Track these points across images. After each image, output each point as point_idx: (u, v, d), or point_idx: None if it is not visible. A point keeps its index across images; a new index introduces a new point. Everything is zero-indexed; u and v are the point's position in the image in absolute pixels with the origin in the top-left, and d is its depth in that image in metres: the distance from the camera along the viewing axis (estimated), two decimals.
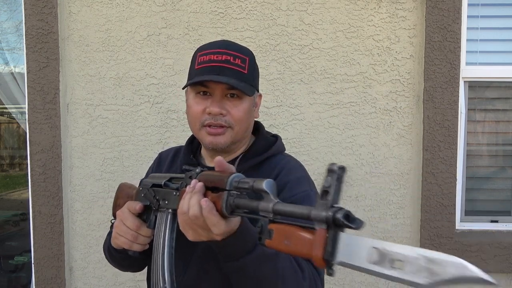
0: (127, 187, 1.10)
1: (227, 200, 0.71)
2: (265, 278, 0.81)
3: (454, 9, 2.12)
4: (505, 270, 2.18)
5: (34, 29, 2.16)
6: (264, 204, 0.65)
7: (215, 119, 0.96)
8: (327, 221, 0.53)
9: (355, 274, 2.21)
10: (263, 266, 0.80)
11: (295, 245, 0.56)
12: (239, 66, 0.97)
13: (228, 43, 1.02)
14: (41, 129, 2.19)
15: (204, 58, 0.97)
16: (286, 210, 0.62)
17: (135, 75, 2.19)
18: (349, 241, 0.50)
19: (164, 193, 0.92)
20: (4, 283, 2.97)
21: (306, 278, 0.85)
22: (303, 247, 0.54)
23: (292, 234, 0.56)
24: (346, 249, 0.50)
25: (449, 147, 2.15)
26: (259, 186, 0.66)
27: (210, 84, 0.97)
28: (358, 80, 2.17)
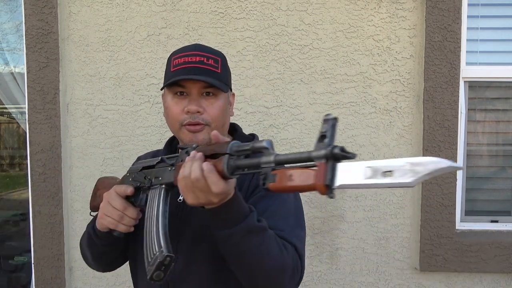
0: (107, 180, 1.14)
1: (228, 162, 0.77)
2: (251, 249, 0.86)
3: (454, 9, 2.12)
4: (505, 270, 2.18)
5: (34, 29, 2.16)
6: (266, 157, 0.72)
7: (193, 118, 1.01)
8: (326, 155, 0.62)
9: (355, 274, 2.22)
10: (251, 237, 0.85)
11: (298, 180, 0.64)
12: (213, 66, 1.02)
13: (200, 46, 1.08)
14: (41, 129, 2.19)
15: (179, 61, 1.02)
16: (288, 158, 0.69)
17: (135, 75, 2.19)
18: (345, 168, 0.60)
19: (157, 171, 0.96)
20: (4, 283, 2.97)
21: (289, 256, 0.91)
22: (307, 179, 0.63)
23: (295, 172, 0.65)
24: (343, 175, 0.59)
25: (449, 147, 2.15)
26: (260, 144, 0.73)
27: (186, 84, 1.01)
28: (358, 80, 2.17)
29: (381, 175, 0.55)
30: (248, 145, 0.76)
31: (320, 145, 0.63)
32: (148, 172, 0.98)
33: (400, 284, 2.23)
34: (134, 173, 1.03)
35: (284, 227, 0.95)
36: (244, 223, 0.84)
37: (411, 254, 2.22)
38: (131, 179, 1.03)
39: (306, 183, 0.63)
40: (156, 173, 0.96)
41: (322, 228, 2.21)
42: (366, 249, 2.21)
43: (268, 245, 0.87)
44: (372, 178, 0.56)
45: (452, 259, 2.17)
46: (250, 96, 2.17)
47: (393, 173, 0.54)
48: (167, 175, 0.92)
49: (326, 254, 2.22)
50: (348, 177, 0.58)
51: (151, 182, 0.96)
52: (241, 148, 0.77)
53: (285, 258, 0.90)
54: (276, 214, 0.97)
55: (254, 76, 2.17)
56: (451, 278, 2.22)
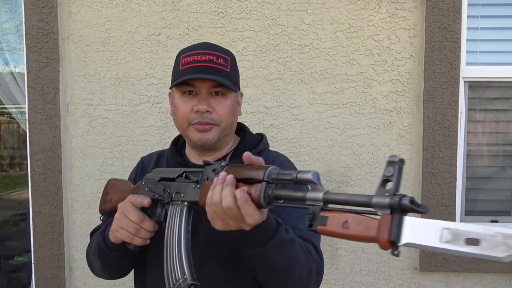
0: (120, 183, 1.08)
1: (265, 191, 0.71)
2: (284, 263, 0.84)
3: (454, 9, 2.12)
4: (505, 270, 2.18)
5: (34, 29, 2.16)
6: (313, 193, 0.64)
7: (202, 118, 1.00)
8: (392, 206, 0.54)
9: (355, 275, 2.22)
10: (283, 251, 0.83)
11: (355, 229, 0.57)
12: (222, 65, 1.01)
13: (210, 44, 1.06)
14: (41, 129, 2.19)
15: (188, 59, 1.00)
16: (341, 198, 0.62)
17: (135, 75, 2.19)
18: (415, 223, 0.52)
19: (179, 186, 0.91)
20: (4, 283, 2.97)
21: (314, 261, 0.90)
22: (366, 230, 0.55)
23: (352, 219, 0.57)
24: (413, 231, 0.51)
25: (449, 147, 2.15)
26: (305, 177, 0.66)
27: (196, 83, 1.00)
28: (358, 80, 2.17)
29: (464, 242, 0.47)
30: (291, 174, 0.69)
31: (383, 191, 0.56)
32: (168, 185, 0.93)
33: (400, 284, 2.23)
34: (151, 183, 0.97)
35: (302, 226, 0.93)
36: (274, 240, 0.82)
37: (411, 254, 2.22)
38: (148, 189, 0.97)
39: (365, 234, 0.56)
40: (177, 188, 0.91)
41: None
42: (366, 249, 2.21)
43: (297, 255, 0.86)
44: (451, 244, 0.48)
45: (452, 259, 2.17)
46: (250, 96, 2.17)
47: (479, 242, 0.46)
48: (191, 192, 0.87)
49: (326, 254, 2.22)
50: (419, 235, 0.51)
51: (172, 196, 0.91)
52: (281, 176, 0.70)
53: (311, 263, 0.89)
54: (292, 213, 0.95)
55: (254, 76, 2.17)
56: (451, 278, 2.22)
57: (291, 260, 0.85)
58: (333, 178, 2.19)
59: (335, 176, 2.19)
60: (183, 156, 1.14)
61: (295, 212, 0.93)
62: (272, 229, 0.82)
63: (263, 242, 0.81)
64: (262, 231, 0.80)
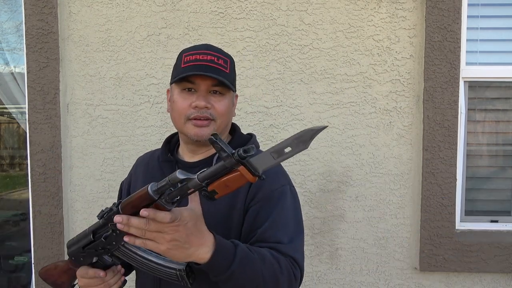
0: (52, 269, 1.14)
1: (163, 203, 0.81)
2: (248, 281, 0.91)
3: (454, 9, 2.12)
4: (505, 270, 2.18)
5: (34, 29, 2.16)
6: (192, 183, 0.79)
7: (201, 112, 1.04)
8: (238, 161, 0.76)
9: (355, 274, 2.22)
10: (246, 269, 0.90)
11: (233, 184, 0.79)
12: (222, 66, 1.05)
13: (212, 46, 1.11)
14: (41, 129, 2.19)
15: (190, 58, 1.05)
16: (209, 173, 0.79)
17: (135, 75, 2.19)
18: (257, 159, 0.77)
19: (106, 241, 0.97)
20: (4, 283, 2.97)
21: (284, 272, 0.95)
22: (239, 181, 0.78)
23: (228, 180, 0.79)
24: (260, 163, 0.77)
25: (449, 147, 2.15)
26: (174, 178, 0.79)
27: (196, 80, 1.04)
28: (358, 80, 2.17)
29: (284, 153, 0.75)
30: (165, 181, 0.80)
31: (227, 156, 0.77)
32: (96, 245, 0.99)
33: (400, 284, 2.23)
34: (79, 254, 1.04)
35: (283, 238, 0.99)
36: (237, 258, 0.88)
37: (411, 254, 2.22)
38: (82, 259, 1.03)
39: (241, 182, 0.78)
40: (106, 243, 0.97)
41: (322, 228, 2.21)
42: (366, 249, 2.21)
43: (262, 271, 0.92)
44: (280, 157, 0.75)
45: (452, 259, 2.17)
46: (250, 96, 2.17)
47: (290, 148, 0.74)
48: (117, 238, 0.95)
49: (326, 254, 2.22)
50: (263, 163, 0.77)
51: (108, 248, 0.98)
52: (160, 187, 0.80)
53: (278, 276, 0.94)
54: (276, 224, 1.00)
55: (254, 76, 2.17)
56: (451, 278, 2.22)
57: (255, 276, 0.91)
58: (333, 178, 2.19)
59: (335, 176, 2.19)
60: (175, 154, 1.18)
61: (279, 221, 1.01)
62: (231, 252, 0.89)
63: (227, 267, 0.88)
64: (221, 258, 0.87)
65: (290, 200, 1.06)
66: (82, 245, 1.02)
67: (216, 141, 0.76)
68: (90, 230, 1.00)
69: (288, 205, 1.04)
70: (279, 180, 1.07)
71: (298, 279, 0.99)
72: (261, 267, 0.92)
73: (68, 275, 1.10)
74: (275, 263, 0.94)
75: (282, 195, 1.04)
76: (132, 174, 1.26)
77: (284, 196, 1.04)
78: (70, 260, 1.07)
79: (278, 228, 0.99)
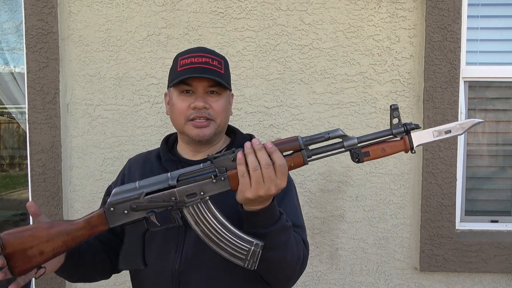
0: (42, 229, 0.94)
1: (305, 154, 0.92)
2: (280, 245, 0.96)
3: (454, 9, 2.12)
4: (505, 270, 2.18)
5: (34, 29, 2.16)
6: (349, 141, 0.94)
7: (200, 113, 1.07)
8: (406, 130, 0.93)
9: (355, 274, 2.22)
10: (281, 235, 0.96)
11: (390, 150, 0.94)
12: (217, 67, 1.09)
13: (205, 48, 1.14)
14: (41, 129, 2.19)
15: (186, 61, 1.08)
16: (370, 137, 0.95)
17: (135, 75, 2.19)
18: (418, 134, 0.93)
19: (188, 189, 0.92)
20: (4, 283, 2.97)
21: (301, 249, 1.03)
22: (397, 148, 0.94)
23: (388, 146, 0.94)
24: (417, 138, 0.93)
25: (449, 147, 2.15)
26: (336, 133, 0.94)
27: (193, 83, 1.07)
28: (358, 80, 2.17)
29: (444, 133, 0.92)
30: (322, 135, 0.94)
31: (395, 125, 0.93)
32: (168, 194, 0.92)
33: (400, 284, 2.23)
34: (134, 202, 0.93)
35: (295, 222, 1.06)
36: (278, 223, 0.95)
37: (411, 254, 2.22)
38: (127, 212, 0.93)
39: (397, 150, 0.94)
40: (187, 191, 0.92)
41: (322, 228, 2.21)
42: (366, 249, 2.21)
43: (291, 241, 0.98)
44: (439, 136, 0.92)
45: (452, 259, 2.17)
46: (250, 96, 2.17)
47: (451, 131, 0.92)
48: (214, 186, 0.92)
49: (326, 254, 2.22)
50: (422, 139, 0.93)
51: (185, 200, 0.92)
52: (315, 140, 0.94)
53: (300, 252, 1.01)
54: (288, 210, 1.06)
55: (254, 76, 2.17)
56: (451, 278, 2.22)
57: (286, 244, 0.97)
58: (333, 178, 2.19)
59: (335, 176, 2.19)
60: (174, 153, 1.20)
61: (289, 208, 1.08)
62: (277, 214, 0.95)
63: (270, 223, 0.94)
64: (270, 213, 0.93)
65: (293, 189, 1.15)
66: (149, 191, 0.93)
67: (397, 108, 0.92)
68: (175, 175, 0.93)
69: (293, 194, 1.14)
70: None
71: (306, 261, 1.06)
72: (292, 239, 0.98)
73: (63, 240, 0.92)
74: (300, 242, 1.03)
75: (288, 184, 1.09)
76: (125, 175, 1.22)
77: (289, 184, 1.11)
78: (101, 213, 0.94)
79: (291, 213, 1.06)
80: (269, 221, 0.94)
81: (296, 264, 1.00)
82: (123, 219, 0.94)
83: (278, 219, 0.95)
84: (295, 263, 1.00)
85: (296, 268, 1.01)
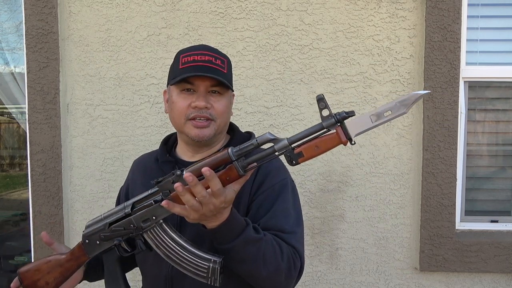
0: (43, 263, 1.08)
1: (238, 165, 0.85)
2: (249, 258, 0.93)
3: (454, 9, 2.12)
4: (505, 270, 2.18)
5: (34, 29, 2.16)
6: (279, 144, 0.84)
7: (201, 112, 1.05)
8: (337, 121, 0.81)
9: (355, 274, 2.22)
10: (248, 248, 0.93)
11: (324, 146, 0.83)
12: (220, 66, 1.06)
13: (208, 47, 1.12)
14: (41, 129, 2.19)
15: (188, 59, 1.05)
16: (300, 136, 0.84)
17: (135, 75, 2.19)
18: (353, 121, 0.81)
19: (142, 215, 0.96)
20: (4, 283, 2.97)
21: (285, 259, 0.97)
22: (332, 142, 0.83)
23: (321, 141, 0.83)
24: (354, 126, 0.81)
25: (449, 147, 2.15)
26: (264, 138, 0.84)
27: (195, 81, 1.05)
28: (358, 80, 2.17)
29: (383, 116, 0.80)
30: (251, 143, 0.85)
31: (325, 118, 0.82)
32: (127, 222, 0.98)
33: (400, 284, 2.23)
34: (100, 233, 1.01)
35: (284, 227, 1.02)
36: (241, 236, 0.92)
37: (411, 254, 2.22)
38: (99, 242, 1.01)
39: (333, 144, 0.83)
40: (142, 217, 0.96)
41: (322, 228, 2.21)
42: (366, 249, 2.21)
43: (263, 252, 0.94)
44: (379, 120, 0.80)
45: (452, 259, 2.17)
46: (250, 96, 2.17)
47: (391, 112, 0.80)
48: (162, 211, 0.94)
49: (326, 254, 2.22)
50: (359, 126, 0.81)
51: (142, 227, 0.97)
52: (243, 149, 0.85)
53: (279, 261, 0.96)
54: (278, 214, 1.03)
55: (254, 76, 2.17)
56: (451, 278, 2.22)
57: (256, 256, 0.93)
58: (333, 178, 2.19)
59: (335, 176, 2.19)
60: (173, 154, 1.19)
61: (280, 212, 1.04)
62: (239, 228, 0.92)
63: (232, 237, 0.91)
64: (230, 227, 0.91)
65: (290, 192, 1.09)
66: (111, 221, 0.99)
67: (323, 99, 0.81)
68: (130, 203, 0.98)
69: (288, 197, 1.08)
70: (281, 174, 1.11)
71: (297, 269, 1.01)
72: (264, 250, 0.94)
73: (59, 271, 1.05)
74: (277, 248, 0.97)
75: (283, 187, 1.08)
76: (129, 180, 1.25)
77: (285, 188, 1.08)
78: (80, 245, 1.03)
79: (280, 217, 1.03)
80: (230, 235, 0.91)
81: (276, 274, 0.96)
82: (97, 249, 1.02)
83: (241, 232, 0.92)
84: (274, 273, 0.95)
85: (278, 278, 0.97)
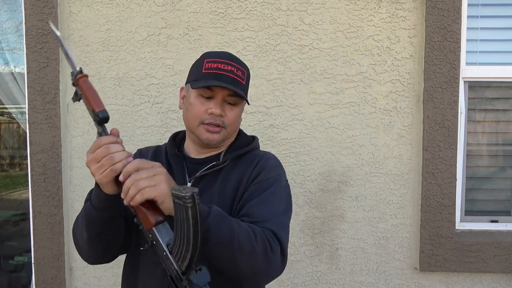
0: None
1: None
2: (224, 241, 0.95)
3: (454, 9, 2.12)
4: (505, 270, 2.18)
5: (34, 29, 2.16)
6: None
7: (215, 119, 1.13)
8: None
9: (355, 274, 2.22)
10: (223, 226, 0.95)
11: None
12: (240, 77, 1.14)
13: (232, 56, 1.18)
14: (41, 129, 2.19)
15: (212, 65, 1.12)
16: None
17: (135, 75, 2.19)
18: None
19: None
20: (4, 283, 2.97)
21: (259, 241, 0.98)
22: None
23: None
24: None
25: (449, 147, 2.15)
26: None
27: (215, 89, 1.12)
28: (358, 80, 2.17)
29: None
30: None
31: None
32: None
33: (400, 284, 2.23)
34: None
35: (267, 216, 1.05)
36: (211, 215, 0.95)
37: (411, 254, 2.22)
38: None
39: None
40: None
41: (322, 228, 2.21)
42: (366, 249, 2.21)
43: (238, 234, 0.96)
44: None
45: (452, 259, 2.17)
46: (250, 96, 2.17)
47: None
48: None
49: (326, 254, 2.22)
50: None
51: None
52: None
53: (253, 243, 0.97)
54: (263, 202, 1.07)
55: (254, 76, 2.17)
56: (451, 278, 2.22)
57: (230, 239, 0.95)
58: (333, 178, 2.19)
59: (335, 176, 2.19)
60: (181, 149, 1.25)
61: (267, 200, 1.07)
62: (205, 209, 0.96)
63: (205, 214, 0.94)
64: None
65: (282, 188, 1.15)
66: None
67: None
68: None
69: (279, 192, 1.13)
70: (277, 170, 1.18)
71: (276, 252, 1.01)
72: (238, 230, 0.97)
73: None
74: (250, 230, 0.99)
75: (275, 182, 1.13)
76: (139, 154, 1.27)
77: (277, 183, 1.13)
78: None
79: (264, 206, 1.07)
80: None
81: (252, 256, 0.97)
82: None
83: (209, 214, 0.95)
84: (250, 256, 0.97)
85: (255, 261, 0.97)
